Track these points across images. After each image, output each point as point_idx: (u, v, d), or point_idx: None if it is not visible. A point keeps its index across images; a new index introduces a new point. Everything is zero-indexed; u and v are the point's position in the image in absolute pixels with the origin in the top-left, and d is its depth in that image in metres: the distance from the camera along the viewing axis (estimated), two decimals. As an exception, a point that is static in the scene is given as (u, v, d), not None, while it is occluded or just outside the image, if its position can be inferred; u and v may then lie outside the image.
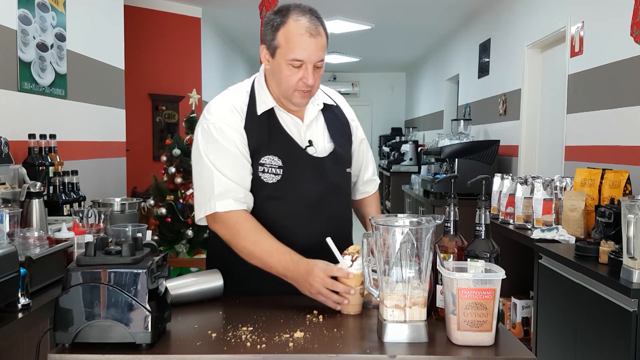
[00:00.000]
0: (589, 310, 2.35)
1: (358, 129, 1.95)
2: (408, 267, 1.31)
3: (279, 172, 1.71)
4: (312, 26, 1.64)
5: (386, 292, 1.33)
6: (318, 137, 1.79)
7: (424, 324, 1.33)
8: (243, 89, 1.79)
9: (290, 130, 1.76)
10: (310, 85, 1.68)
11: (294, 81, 1.67)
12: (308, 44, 1.63)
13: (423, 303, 1.33)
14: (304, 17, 1.65)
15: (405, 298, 1.31)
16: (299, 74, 1.66)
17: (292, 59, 1.64)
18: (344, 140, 1.86)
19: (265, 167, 1.71)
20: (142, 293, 1.25)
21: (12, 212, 1.87)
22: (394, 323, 1.32)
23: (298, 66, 1.65)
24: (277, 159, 1.71)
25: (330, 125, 1.83)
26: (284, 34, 1.65)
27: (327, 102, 1.85)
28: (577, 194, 2.90)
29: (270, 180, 1.71)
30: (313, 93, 1.74)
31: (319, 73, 1.71)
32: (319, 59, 1.67)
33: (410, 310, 1.32)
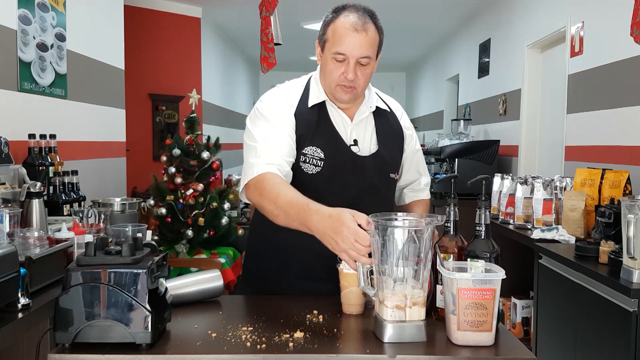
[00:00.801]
0: (589, 310, 2.35)
1: (412, 138, 1.94)
2: (408, 267, 1.31)
3: (319, 164, 1.73)
4: (359, 22, 1.68)
5: (386, 293, 1.32)
6: (365, 137, 1.80)
7: (424, 324, 1.33)
8: (298, 82, 1.84)
9: (338, 126, 1.78)
10: (350, 79, 1.69)
11: (337, 75, 1.69)
12: (351, 38, 1.66)
13: (423, 303, 1.33)
14: (353, 14, 1.69)
15: (406, 298, 1.31)
16: (342, 69, 1.69)
17: (336, 52, 1.68)
18: (393, 146, 1.85)
19: (307, 157, 1.72)
20: (142, 293, 1.25)
21: (12, 212, 1.87)
22: (394, 323, 1.32)
23: (341, 60, 1.68)
24: (319, 150, 1.73)
25: (380, 129, 1.83)
26: (332, 28, 1.70)
27: (380, 107, 1.86)
28: (577, 194, 2.91)
29: (310, 171, 1.72)
30: (358, 91, 1.74)
31: (365, 71, 1.71)
32: (363, 55, 1.68)
33: (411, 310, 1.32)
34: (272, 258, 1.81)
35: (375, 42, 1.72)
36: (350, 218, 1.39)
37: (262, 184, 1.62)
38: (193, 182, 3.58)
